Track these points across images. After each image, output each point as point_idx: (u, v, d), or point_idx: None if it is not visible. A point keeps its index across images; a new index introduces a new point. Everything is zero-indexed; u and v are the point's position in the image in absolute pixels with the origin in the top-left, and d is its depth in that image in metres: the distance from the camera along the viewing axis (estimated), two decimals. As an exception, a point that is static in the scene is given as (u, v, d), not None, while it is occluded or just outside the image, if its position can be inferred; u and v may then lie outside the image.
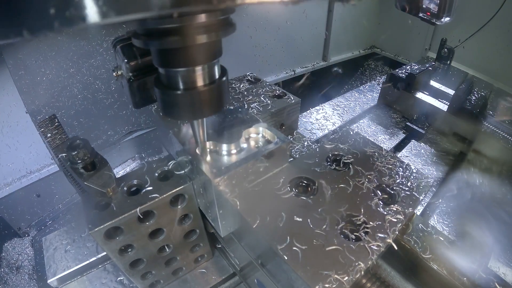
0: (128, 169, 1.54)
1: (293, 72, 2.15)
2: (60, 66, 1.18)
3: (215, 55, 0.43)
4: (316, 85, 2.37)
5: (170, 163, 0.69)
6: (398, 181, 0.64)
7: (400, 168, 0.68)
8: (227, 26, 0.41)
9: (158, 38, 0.38)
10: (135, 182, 0.65)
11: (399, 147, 1.24)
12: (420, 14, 1.05)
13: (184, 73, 0.43)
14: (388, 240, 0.53)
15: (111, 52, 1.27)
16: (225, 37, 0.41)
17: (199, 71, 0.43)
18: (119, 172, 1.53)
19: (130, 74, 0.53)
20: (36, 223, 1.41)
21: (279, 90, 1.00)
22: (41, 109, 1.21)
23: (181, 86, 0.44)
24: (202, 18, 0.37)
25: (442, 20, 1.05)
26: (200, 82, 0.44)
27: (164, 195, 0.62)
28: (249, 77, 1.09)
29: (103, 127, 1.39)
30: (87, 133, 1.36)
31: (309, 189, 0.62)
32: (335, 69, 2.42)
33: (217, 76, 0.46)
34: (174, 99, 0.45)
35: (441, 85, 1.37)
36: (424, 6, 1.04)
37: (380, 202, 0.59)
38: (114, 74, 0.55)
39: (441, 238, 0.65)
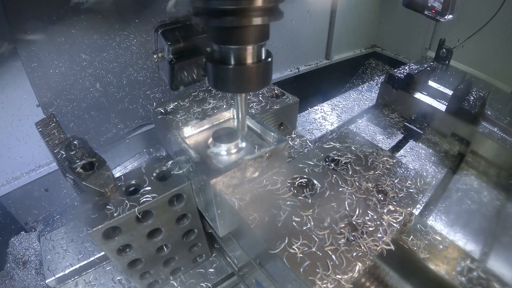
0: (135, 164, 1.54)
1: (297, 70, 2.16)
2: (73, 59, 1.18)
3: (263, 38, 0.49)
4: (318, 83, 2.37)
5: (168, 163, 0.69)
6: (396, 181, 0.65)
7: (398, 168, 0.68)
8: (277, 13, 0.46)
9: (219, 17, 0.44)
10: (133, 182, 0.65)
11: (397, 147, 1.24)
12: (426, 12, 1.07)
13: (236, 51, 0.49)
14: (386, 240, 0.53)
15: (124, 46, 1.27)
16: (273, 21, 0.47)
17: (249, 50, 0.49)
18: (127, 166, 1.52)
19: (171, 56, 0.58)
20: (44, 217, 1.39)
21: (277, 90, 1.00)
22: (52, 102, 1.19)
23: (232, 62, 0.49)
24: (259, 2, 0.43)
25: (446, 17, 1.07)
26: (249, 60, 0.50)
27: (163, 195, 0.61)
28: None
29: (113, 121, 1.39)
30: (97, 126, 1.35)
31: (308, 189, 0.62)
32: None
33: (263, 57, 0.52)
34: (225, 73, 0.51)
35: (439, 86, 1.37)
36: (429, 4, 1.05)
37: (378, 202, 0.59)
38: (155, 56, 0.60)
39: (439, 238, 0.65)
